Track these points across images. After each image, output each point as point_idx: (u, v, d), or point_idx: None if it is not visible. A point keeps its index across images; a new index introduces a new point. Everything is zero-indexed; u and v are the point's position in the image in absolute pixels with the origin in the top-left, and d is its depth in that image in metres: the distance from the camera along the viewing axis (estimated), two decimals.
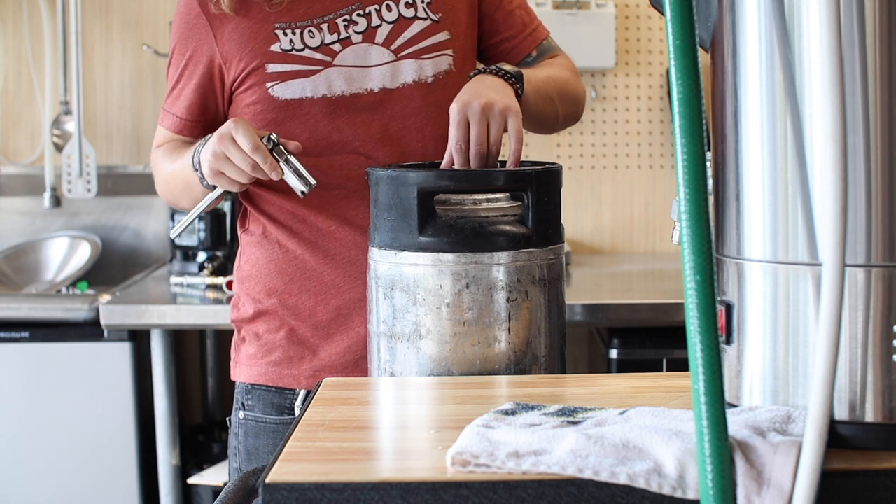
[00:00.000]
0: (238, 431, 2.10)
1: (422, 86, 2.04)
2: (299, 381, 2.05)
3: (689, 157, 1.12)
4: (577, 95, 2.15)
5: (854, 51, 1.21)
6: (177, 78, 2.09)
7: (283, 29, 2.01)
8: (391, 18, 2.03)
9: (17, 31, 3.82)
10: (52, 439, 3.21)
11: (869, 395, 1.23)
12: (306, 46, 2.01)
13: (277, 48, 2.00)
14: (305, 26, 2.01)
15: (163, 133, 2.15)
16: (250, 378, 2.09)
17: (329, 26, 2.01)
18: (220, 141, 1.87)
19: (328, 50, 2.01)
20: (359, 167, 2.00)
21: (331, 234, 2.02)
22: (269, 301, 2.06)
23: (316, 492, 1.18)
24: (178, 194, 2.10)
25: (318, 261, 2.04)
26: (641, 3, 3.79)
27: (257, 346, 2.08)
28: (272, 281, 2.06)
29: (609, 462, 1.19)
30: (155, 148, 2.16)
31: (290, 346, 2.05)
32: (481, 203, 1.69)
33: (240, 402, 2.11)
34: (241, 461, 2.10)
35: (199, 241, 3.41)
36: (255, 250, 2.09)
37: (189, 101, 2.08)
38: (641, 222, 3.81)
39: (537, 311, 1.68)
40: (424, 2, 2.04)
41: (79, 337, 3.21)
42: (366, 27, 2.02)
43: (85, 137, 3.70)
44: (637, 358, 2.97)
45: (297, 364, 2.05)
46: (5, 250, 3.79)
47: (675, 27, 1.13)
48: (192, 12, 2.05)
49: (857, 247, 1.22)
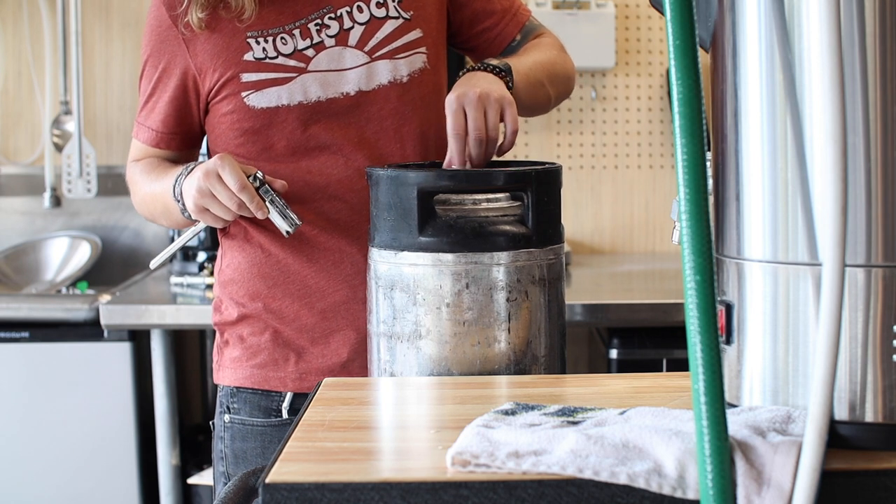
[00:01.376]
0: (224, 435, 2.09)
1: (397, 86, 2.02)
2: (285, 384, 2.04)
3: (689, 157, 1.12)
4: (566, 73, 2.15)
5: (854, 51, 1.21)
6: (150, 91, 2.07)
7: (255, 37, 1.99)
8: (363, 20, 2.02)
9: (17, 31, 3.82)
10: (52, 439, 3.21)
11: (869, 395, 1.23)
12: (279, 54, 1.99)
13: (251, 57, 1.99)
14: (277, 33, 1.99)
15: (139, 147, 2.12)
16: (235, 381, 2.07)
17: (301, 32, 2.00)
18: (205, 178, 1.86)
19: (302, 56, 1.99)
20: (338, 170, 1.99)
21: (313, 237, 2.01)
22: (252, 305, 2.05)
23: (316, 492, 1.18)
24: (157, 216, 2.09)
25: (301, 264, 2.02)
26: (641, 3, 3.79)
27: (241, 349, 2.07)
28: (255, 285, 2.05)
29: (609, 462, 1.19)
30: (132, 162, 2.13)
31: (275, 348, 2.04)
32: (481, 203, 1.69)
33: (224, 405, 2.09)
34: (227, 465, 2.09)
35: (199, 242, 3.41)
36: (237, 254, 2.07)
37: (164, 114, 2.06)
38: (641, 222, 3.81)
39: (537, 311, 1.68)
40: (395, 0, 2.03)
41: (79, 337, 3.21)
42: (338, 30, 2.01)
43: (85, 137, 3.70)
44: (637, 358, 2.97)
45: (283, 366, 2.04)
46: (5, 250, 3.79)
47: (675, 27, 1.13)
48: (163, 24, 2.02)
49: (857, 247, 1.22)
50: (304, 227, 2.01)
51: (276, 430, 2.04)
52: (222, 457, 2.10)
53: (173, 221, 2.04)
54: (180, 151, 2.10)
